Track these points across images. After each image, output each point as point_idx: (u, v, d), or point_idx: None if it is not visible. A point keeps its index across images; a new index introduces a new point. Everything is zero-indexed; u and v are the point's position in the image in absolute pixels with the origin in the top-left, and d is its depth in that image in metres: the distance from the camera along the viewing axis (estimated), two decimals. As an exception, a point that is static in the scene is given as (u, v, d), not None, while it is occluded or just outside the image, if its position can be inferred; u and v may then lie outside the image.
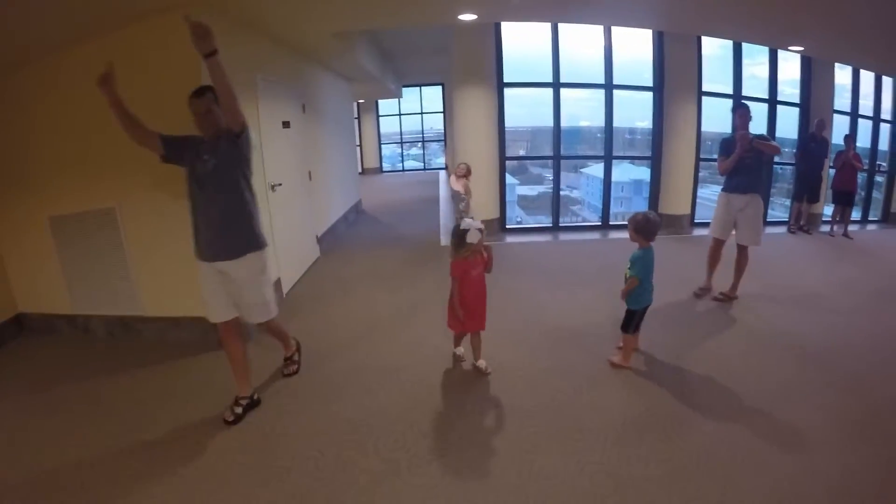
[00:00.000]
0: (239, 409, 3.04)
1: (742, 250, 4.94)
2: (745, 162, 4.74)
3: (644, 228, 3.38)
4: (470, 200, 7.19)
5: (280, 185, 5.14)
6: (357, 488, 2.47)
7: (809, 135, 8.15)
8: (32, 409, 3.31)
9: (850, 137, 8.25)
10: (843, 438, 2.79)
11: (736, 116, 4.83)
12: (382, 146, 19.14)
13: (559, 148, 8.24)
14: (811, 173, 8.19)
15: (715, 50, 8.42)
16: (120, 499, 2.43)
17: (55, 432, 3.02)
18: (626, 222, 3.54)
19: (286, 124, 5.54)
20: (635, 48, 8.31)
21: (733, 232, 4.97)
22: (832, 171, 8.34)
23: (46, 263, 4.32)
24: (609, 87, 8.06)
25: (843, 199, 8.22)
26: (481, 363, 3.60)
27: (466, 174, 7.07)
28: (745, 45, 8.22)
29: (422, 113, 18.88)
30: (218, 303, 2.98)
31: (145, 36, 3.66)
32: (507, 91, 7.85)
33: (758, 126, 6.74)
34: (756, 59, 8.81)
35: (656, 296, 3.59)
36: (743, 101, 6.54)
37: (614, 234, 7.97)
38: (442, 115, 17.88)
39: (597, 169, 9.00)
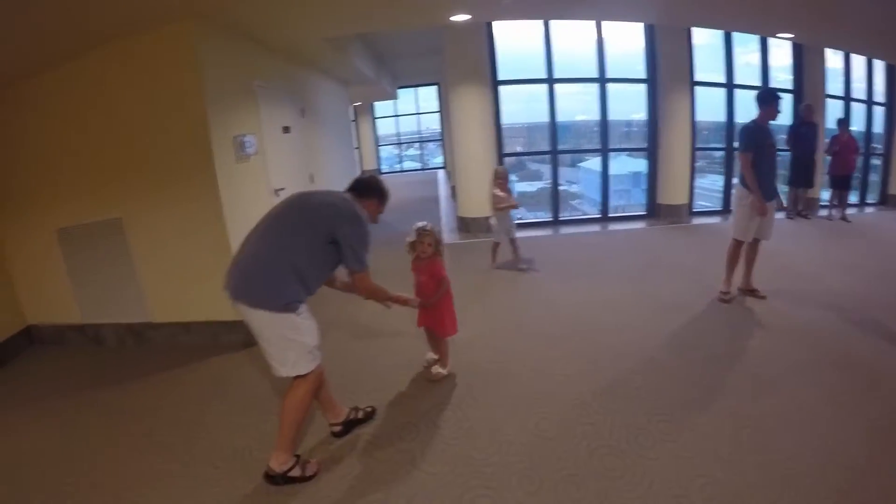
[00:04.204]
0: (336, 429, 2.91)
1: (755, 244, 4.75)
2: (775, 157, 4.50)
3: None
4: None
5: (283, 189, 5.20)
6: (373, 477, 2.53)
7: (798, 120, 8.16)
8: (45, 419, 3.36)
9: (843, 121, 8.27)
10: (839, 414, 2.86)
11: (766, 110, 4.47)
12: (380, 147, 19.18)
13: (556, 143, 8.30)
14: (804, 158, 8.16)
15: (706, 39, 8.46)
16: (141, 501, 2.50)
17: (68, 442, 3.07)
18: (627, 214, 3.56)
19: (286, 129, 5.60)
20: (627, 41, 8.39)
21: None
22: (827, 158, 8.33)
23: (55, 275, 4.37)
24: (602, 80, 8.13)
25: (841, 184, 8.23)
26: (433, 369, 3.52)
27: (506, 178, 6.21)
28: (735, 34, 8.26)
29: (418, 113, 18.89)
30: None
31: (145, 46, 3.74)
32: (502, 88, 7.90)
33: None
34: (748, 47, 8.85)
35: (654, 284, 3.63)
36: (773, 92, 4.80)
37: (614, 226, 8.00)
38: (438, 114, 17.87)
39: (594, 162, 9.06)
